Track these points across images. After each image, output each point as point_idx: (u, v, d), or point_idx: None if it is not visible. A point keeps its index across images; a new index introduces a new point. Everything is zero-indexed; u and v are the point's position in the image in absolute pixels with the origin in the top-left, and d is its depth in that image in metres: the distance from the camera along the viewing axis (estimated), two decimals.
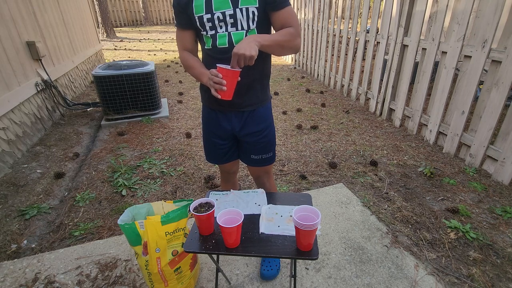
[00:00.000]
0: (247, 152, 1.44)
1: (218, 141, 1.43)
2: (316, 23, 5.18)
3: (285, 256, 1.05)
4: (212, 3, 1.15)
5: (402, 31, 3.18)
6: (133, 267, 1.64)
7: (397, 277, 1.55)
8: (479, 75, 2.43)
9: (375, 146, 3.01)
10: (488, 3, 2.26)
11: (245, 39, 1.09)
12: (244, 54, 1.03)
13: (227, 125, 1.37)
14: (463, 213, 2.00)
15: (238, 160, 1.58)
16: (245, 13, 1.15)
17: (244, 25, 1.17)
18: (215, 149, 1.47)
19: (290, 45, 1.20)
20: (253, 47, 1.06)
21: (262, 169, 1.51)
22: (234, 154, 1.50)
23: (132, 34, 12.77)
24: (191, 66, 1.28)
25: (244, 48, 1.04)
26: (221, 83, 1.08)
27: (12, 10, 3.15)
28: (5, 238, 1.87)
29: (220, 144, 1.44)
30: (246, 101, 1.31)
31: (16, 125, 2.89)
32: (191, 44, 1.32)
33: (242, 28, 1.17)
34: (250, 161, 1.47)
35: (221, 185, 1.76)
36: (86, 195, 2.29)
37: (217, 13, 1.16)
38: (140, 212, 1.36)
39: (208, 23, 1.18)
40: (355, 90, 4.26)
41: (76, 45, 5.16)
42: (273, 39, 1.15)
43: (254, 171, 1.55)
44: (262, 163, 1.47)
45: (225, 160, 1.51)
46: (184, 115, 3.91)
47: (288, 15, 1.19)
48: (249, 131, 1.37)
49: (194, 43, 1.34)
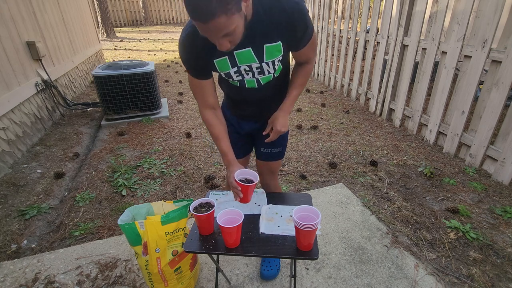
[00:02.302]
0: (258, 145, 1.48)
1: (236, 135, 1.45)
2: (316, 23, 5.18)
3: (285, 256, 1.05)
4: (236, 59, 1.09)
5: (402, 31, 3.18)
6: (133, 267, 1.64)
7: (397, 277, 1.55)
8: (479, 75, 2.43)
9: (375, 146, 3.01)
10: (488, 3, 2.26)
11: (281, 116, 1.25)
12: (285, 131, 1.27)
13: (246, 126, 1.42)
14: (463, 213, 2.00)
15: (248, 159, 1.60)
16: (271, 65, 1.13)
17: (271, 71, 1.16)
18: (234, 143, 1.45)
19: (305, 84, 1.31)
20: (287, 123, 1.28)
21: (268, 166, 1.50)
22: (248, 149, 1.54)
23: (132, 34, 12.77)
24: (217, 137, 1.24)
25: (285, 126, 1.26)
26: (238, 195, 1.15)
27: (12, 10, 3.15)
28: (5, 238, 1.87)
29: (236, 139, 1.45)
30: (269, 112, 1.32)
31: (16, 125, 2.89)
32: (212, 96, 1.22)
33: (269, 73, 1.17)
34: (260, 154, 1.48)
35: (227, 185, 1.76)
36: (86, 195, 2.29)
37: (243, 66, 1.12)
38: (140, 212, 1.36)
39: (234, 74, 1.16)
40: (355, 90, 4.26)
41: (76, 45, 5.16)
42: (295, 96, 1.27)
43: (260, 167, 1.54)
44: (270, 158, 1.47)
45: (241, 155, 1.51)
46: (184, 115, 3.91)
47: (308, 50, 1.17)
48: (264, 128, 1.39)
49: (215, 93, 1.24)
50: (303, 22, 1.04)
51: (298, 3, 1.01)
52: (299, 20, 1.03)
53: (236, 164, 1.22)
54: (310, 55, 1.21)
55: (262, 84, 1.20)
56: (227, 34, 0.88)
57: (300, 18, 1.02)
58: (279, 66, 1.17)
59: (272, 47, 1.07)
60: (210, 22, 0.82)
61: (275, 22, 1.01)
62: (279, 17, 1.00)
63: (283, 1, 1.00)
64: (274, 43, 1.06)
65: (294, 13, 1.00)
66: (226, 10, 0.81)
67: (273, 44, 1.06)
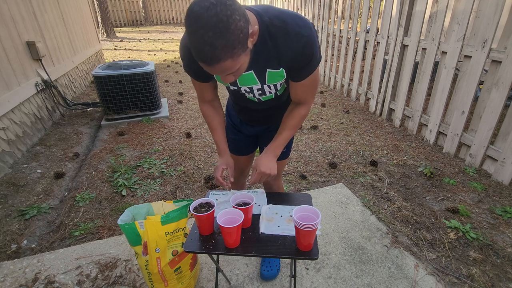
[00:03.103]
0: (262, 144, 1.48)
1: (240, 135, 1.46)
2: (316, 23, 5.18)
3: (285, 256, 1.05)
4: (237, 81, 1.08)
5: (402, 31, 3.18)
6: (133, 267, 1.64)
7: (397, 277, 1.55)
8: (479, 75, 2.43)
9: (375, 146, 3.01)
10: (488, 3, 2.26)
11: (265, 157, 1.16)
12: (270, 174, 1.14)
13: (251, 129, 1.42)
14: (463, 213, 2.00)
15: (253, 158, 1.60)
16: (273, 87, 1.11)
17: (273, 92, 1.14)
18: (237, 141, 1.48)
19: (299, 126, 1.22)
20: (274, 165, 1.15)
21: None
22: (252, 148, 1.53)
23: (132, 34, 12.77)
24: (212, 128, 1.28)
25: (270, 168, 1.14)
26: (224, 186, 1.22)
27: (12, 10, 3.15)
28: (5, 238, 1.87)
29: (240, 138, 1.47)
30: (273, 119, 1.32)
31: (16, 125, 2.88)
32: (211, 94, 1.24)
33: (270, 93, 1.14)
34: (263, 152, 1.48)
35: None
36: (86, 195, 2.29)
37: (244, 87, 1.11)
38: (140, 212, 1.35)
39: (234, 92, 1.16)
40: (355, 90, 4.26)
41: (76, 45, 5.15)
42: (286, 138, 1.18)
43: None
44: None
45: (244, 152, 1.52)
46: (184, 115, 3.91)
47: (308, 87, 1.08)
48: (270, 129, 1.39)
49: (214, 91, 1.25)
50: (308, 52, 0.96)
51: (305, 30, 0.93)
52: (304, 50, 0.95)
53: (226, 154, 1.28)
54: (308, 94, 1.12)
55: (263, 101, 1.19)
56: (231, 73, 0.86)
57: (306, 47, 0.95)
58: (283, 86, 1.13)
59: (274, 73, 1.03)
60: (215, 66, 0.78)
61: (279, 48, 0.96)
62: (284, 44, 0.94)
63: (290, 28, 0.92)
64: (276, 69, 1.02)
65: (299, 42, 0.94)
66: (232, 54, 0.77)
67: (275, 71, 1.02)
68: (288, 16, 0.94)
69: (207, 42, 0.72)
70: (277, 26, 0.93)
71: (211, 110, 1.27)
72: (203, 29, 0.71)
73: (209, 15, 0.70)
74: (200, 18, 0.71)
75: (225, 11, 0.71)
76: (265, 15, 0.93)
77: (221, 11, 0.70)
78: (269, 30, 0.93)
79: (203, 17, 0.70)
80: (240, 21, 0.74)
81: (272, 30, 0.93)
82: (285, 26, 0.92)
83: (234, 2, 0.75)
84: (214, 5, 0.70)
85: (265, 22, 0.92)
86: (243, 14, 0.76)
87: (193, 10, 0.72)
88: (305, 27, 0.93)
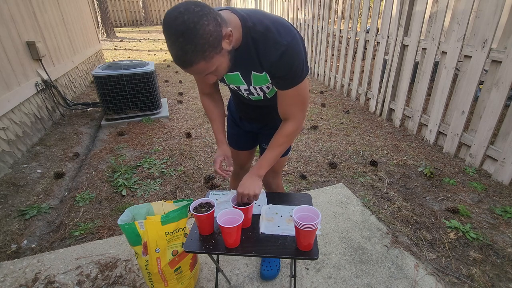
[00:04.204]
0: (260, 141, 1.50)
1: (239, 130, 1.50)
2: (316, 23, 5.18)
3: (285, 256, 1.05)
4: (225, 79, 1.12)
5: (402, 31, 3.18)
6: (133, 267, 1.64)
7: (397, 277, 1.55)
8: (479, 75, 2.43)
9: (375, 146, 3.00)
10: (488, 3, 2.26)
11: (248, 178, 1.16)
12: (249, 194, 1.12)
13: (248, 125, 1.45)
14: (463, 213, 2.00)
15: (254, 154, 1.63)
16: (259, 89, 1.13)
17: (260, 94, 1.16)
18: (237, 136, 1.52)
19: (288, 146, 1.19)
20: (257, 185, 1.14)
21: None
22: (252, 144, 1.56)
23: (132, 34, 12.77)
24: (211, 119, 1.33)
25: (248, 189, 1.12)
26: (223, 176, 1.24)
27: (12, 10, 3.15)
28: (5, 238, 1.87)
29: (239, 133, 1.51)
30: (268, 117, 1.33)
31: (16, 125, 2.88)
32: (211, 87, 1.30)
33: (258, 95, 1.17)
34: (262, 150, 1.49)
35: (230, 182, 1.78)
36: (86, 195, 2.29)
37: (232, 85, 1.16)
38: (140, 212, 1.36)
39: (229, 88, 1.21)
40: (355, 90, 4.26)
41: (76, 45, 5.15)
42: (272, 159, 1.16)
43: None
44: None
45: (243, 147, 1.55)
46: (184, 115, 3.91)
47: (291, 100, 1.05)
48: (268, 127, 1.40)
49: (214, 84, 1.31)
50: (286, 62, 0.94)
51: (285, 39, 0.92)
52: (282, 59, 0.93)
53: (223, 144, 1.31)
54: (293, 109, 1.08)
55: (254, 100, 1.22)
56: (210, 73, 0.90)
57: (283, 57, 0.93)
58: (272, 89, 1.14)
59: (258, 76, 1.04)
60: (190, 68, 0.84)
61: (259, 54, 0.96)
62: (263, 51, 0.94)
63: (270, 36, 0.92)
64: (260, 73, 1.03)
65: (277, 50, 0.92)
66: (204, 57, 0.81)
67: (259, 74, 1.03)
68: (272, 22, 0.94)
69: (178, 48, 0.79)
70: (259, 31, 0.94)
71: (211, 103, 1.32)
72: (174, 35, 0.78)
73: (177, 24, 0.76)
74: (170, 27, 0.77)
75: (192, 18, 0.76)
76: (249, 19, 0.94)
77: (188, 19, 0.76)
78: (252, 35, 0.94)
79: (172, 26, 0.77)
80: (208, 25, 0.78)
81: (254, 35, 0.94)
82: (266, 32, 0.93)
83: (203, 8, 0.79)
84: (182, 13, 0.76)
85: (248, 27, 0.94)
86: (213, 18, 0.80)
87: (164, 20, 0.80)
88: (286, 35, 0.93)
